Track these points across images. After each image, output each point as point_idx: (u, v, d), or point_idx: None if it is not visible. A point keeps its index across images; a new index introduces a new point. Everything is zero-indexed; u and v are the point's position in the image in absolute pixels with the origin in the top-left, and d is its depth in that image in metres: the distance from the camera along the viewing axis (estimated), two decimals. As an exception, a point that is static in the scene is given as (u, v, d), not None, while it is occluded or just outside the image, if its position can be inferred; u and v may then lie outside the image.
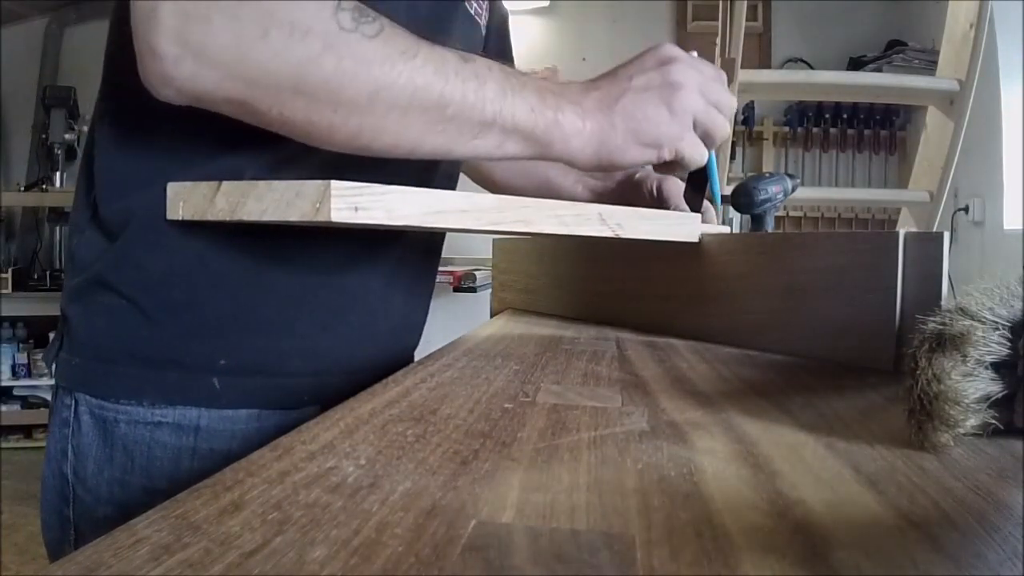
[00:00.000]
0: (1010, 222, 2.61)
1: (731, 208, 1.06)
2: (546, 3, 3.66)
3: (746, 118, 3.48)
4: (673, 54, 0.53)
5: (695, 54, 0.57)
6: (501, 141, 0.48)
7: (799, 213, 3.54)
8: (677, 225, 0.64)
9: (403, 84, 0.43)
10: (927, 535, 0.21)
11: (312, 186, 0.40)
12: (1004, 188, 2.63)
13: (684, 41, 3.68)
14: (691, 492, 0.24)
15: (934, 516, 0.23)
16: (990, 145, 2.64)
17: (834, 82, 1.91)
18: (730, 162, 1.85)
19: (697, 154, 0.53)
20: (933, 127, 1.80)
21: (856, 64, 3.33)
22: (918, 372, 0.30)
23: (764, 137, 3.61)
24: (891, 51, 3.21)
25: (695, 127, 0.53)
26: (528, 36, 3.78)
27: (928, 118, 1.83)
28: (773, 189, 1.00)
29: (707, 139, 0.53)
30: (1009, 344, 0.30)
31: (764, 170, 3.46)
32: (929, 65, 2.60)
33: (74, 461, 0.52)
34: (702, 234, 0.66)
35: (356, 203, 0.40)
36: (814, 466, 0.28)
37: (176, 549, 0.19)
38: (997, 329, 0.30)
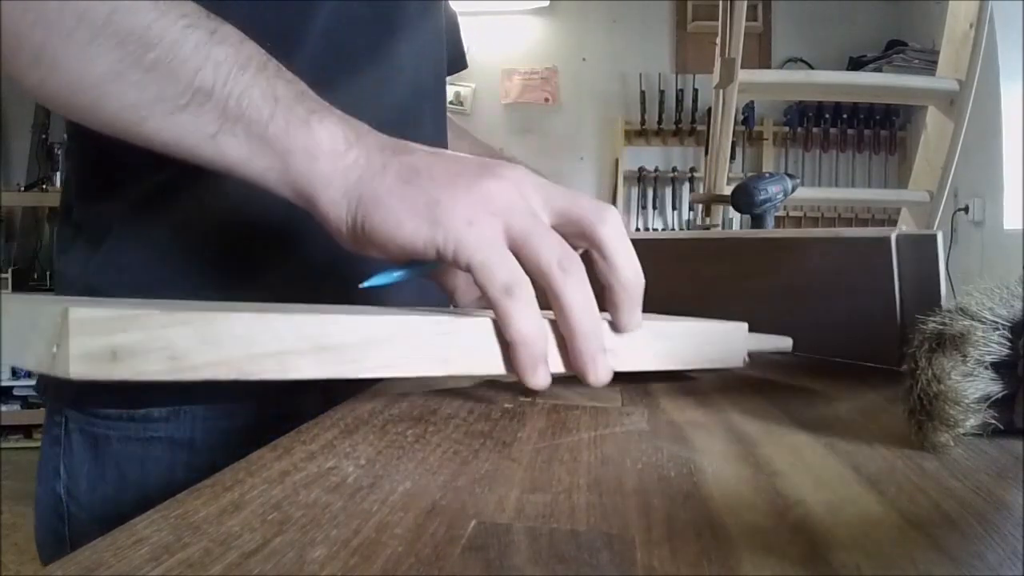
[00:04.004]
0: (1010, 222, 2.61)
1: (731, 208, 1.06)
2: (546, 3, 3.66)
3: (746, 118, 3.48)
4: (522, 168, 0.37)
5: None
6: (217, 127, 0.35)
7: (799, 213, 3.54)
8: (719, 344, 0.45)
9: None
10: (927, 535, 0.21)
11: (48, 316, 0.25)
12: (1004, 188, 2.63)
13: (684, 41, 3.69)
14: (691, 492, 0.24)
15: (934, 516, 0.23)
16: (990, 145, 2.64)
17: (834, 82, 1.92)
18: (730, 162, 1.85)
19: (489, 263, 0.33)
20: (933, 127, 1.80)
21: (856, 64, 3.33)
22: (918, 372, 0.30)
23: (764, 137, 3.62)
24: (891, 51, 3.22)
25: (506, 231, 0.34)
26: (528, 36, 3.78)
27: (928, 118, 1.83)
28: (773, 189, 1.00)
29: (525, 259, 0.34)
30: (1009, 344, 0.30)
31: (764, 170, 3.46)
32: (929, 65, 2.60)
33: (67, 480, 0.50)
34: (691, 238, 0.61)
35: (114, 345, 0.25)
36: (814, 466, 0.28)
37: (176, 549, 0.19)
38: (997, 329, 0.30)
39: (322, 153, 0.35)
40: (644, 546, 0.20)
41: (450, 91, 3.90)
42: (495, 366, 0.34)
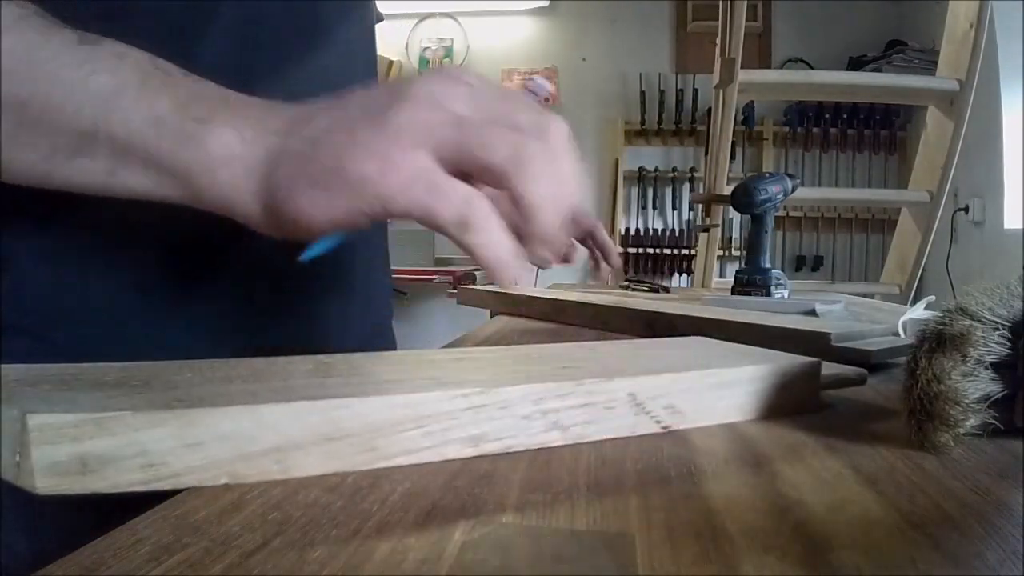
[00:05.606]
0: (1010, 222, 2.61)
1: (731, 208, 1.06)
2: (546, 3, 3.66)
3: (746, 118, 3.48)
4: (444, 74, 0.32)
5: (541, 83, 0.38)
6: (112, 165, 0.33)
7: (799, 213, 3.54)
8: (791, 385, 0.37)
9: None
10: (927, 535, 0.21)
11: (9, 420, 0.21)
12: (1004, 188, 2.63)
13: (684, 41, 3.69)
14: (691, 492, 0.24)
15: (934, 516, 0.23)
16: (990, 145, 2.64)
17: (834, 82, 1.91)
18: (730, 162, 1.85)
19: (424, 204, 0.29)
20: (933, 127, 1.80)
21: (856, 64, 3.33)
22: (918, 372, 0.30)
23: (764, 137, 3.62)
24: (891, 51, 3.22)
25: (435, 153, 0.30)
26: (528, 36, 3.78)
27: (928, 118, 1.83)
28: (773, 189, 1.00)
29: (473, 171, 0.30)
30: (1009, 344, 0.30)
31: (764, 170, 3.46)
32: (929, 65, 2.60)
33: None
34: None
35: (83, 454, 0.21)
36: (814, 466, 0.28)
37: (176, 549, 0.19)
38: (997, 329, 0.30)
39: (218, 163, 0.32)
40: (644, 546, 0.20)
41: (450, 91, 3.89)
42: (537, 440, 0.30)
